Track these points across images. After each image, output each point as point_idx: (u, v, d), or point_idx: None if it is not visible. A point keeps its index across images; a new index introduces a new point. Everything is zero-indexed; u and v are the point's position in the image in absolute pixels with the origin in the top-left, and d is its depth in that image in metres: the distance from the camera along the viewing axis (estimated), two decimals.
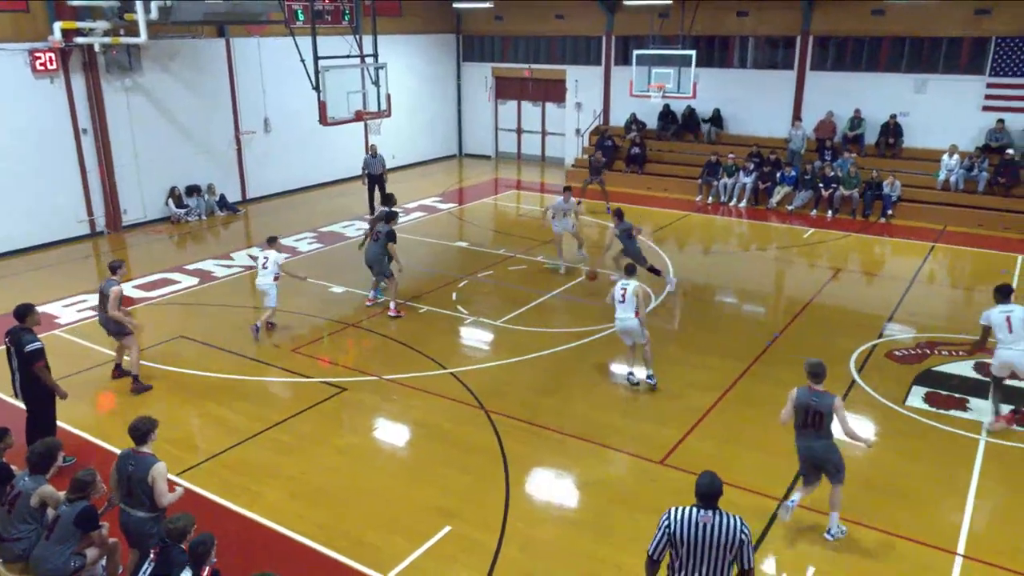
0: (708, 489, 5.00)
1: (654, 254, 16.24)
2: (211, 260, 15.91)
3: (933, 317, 12.93)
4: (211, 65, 19.54)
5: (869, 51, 20.58)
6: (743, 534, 4.90)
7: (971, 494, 7.96)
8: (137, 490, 6.15)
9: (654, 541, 5.04)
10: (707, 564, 4.92)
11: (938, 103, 19.80)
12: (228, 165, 20.41)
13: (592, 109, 25.14)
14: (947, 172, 19.10)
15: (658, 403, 10.01)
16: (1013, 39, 18.61)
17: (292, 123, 21.06)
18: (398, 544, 7.19)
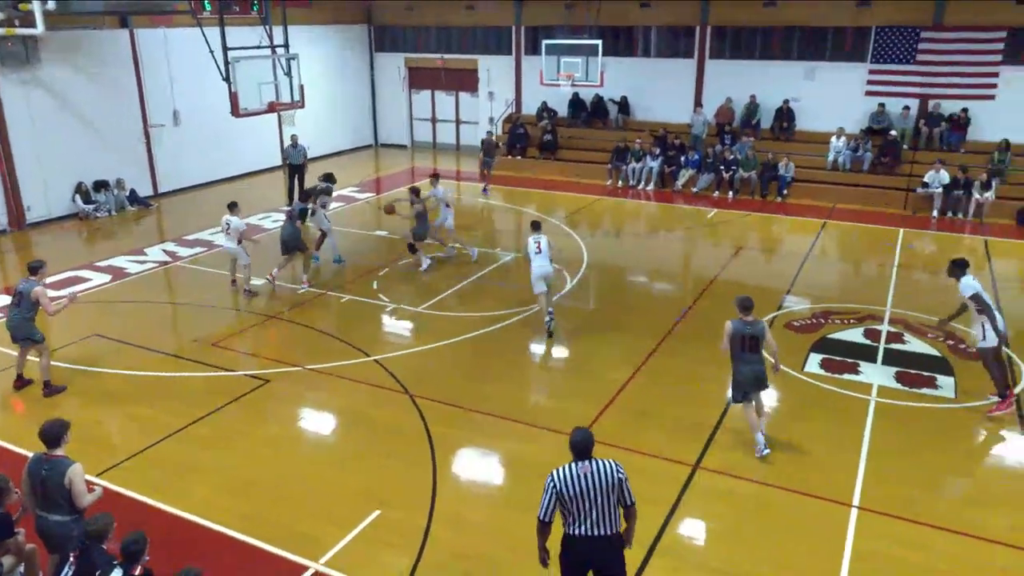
0: (584, 443, 5.32)
1: (566, 237, 16.44)
2: (123, 256, 15.21)
3: (826, 289, 13.55)
4: (115, 57, 18.57)
5: (763, 40, 21.26)
6: (620, 474, 5.25)
7: (864, 450, 8.40)
8: (54, 494, 5.83)
9: (543, 505, 5.27)
10: (596, 508, 5.21)
11: (826, 89, 20.64)
12: (138, 159, 19.50)
13: (505, 98, 25.13)
14: (835, 153, 19.97)
15: (576, 381, 10.16)
16: (891, 28, 19.56)
17: (203, 115, 20.23)
18: (328, 531, 7.09)
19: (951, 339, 11.25)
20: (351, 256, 15.12)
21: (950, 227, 17.48)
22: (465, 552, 6.87)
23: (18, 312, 9.39)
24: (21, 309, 9.41)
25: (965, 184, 17.88)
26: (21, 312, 9.38)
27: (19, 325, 9.44)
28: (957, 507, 7.47)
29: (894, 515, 7.32)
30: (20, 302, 9.39)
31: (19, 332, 9.49)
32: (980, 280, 9.41)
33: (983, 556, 6.80)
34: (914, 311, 12.26)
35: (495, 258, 14.90)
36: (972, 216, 17.89)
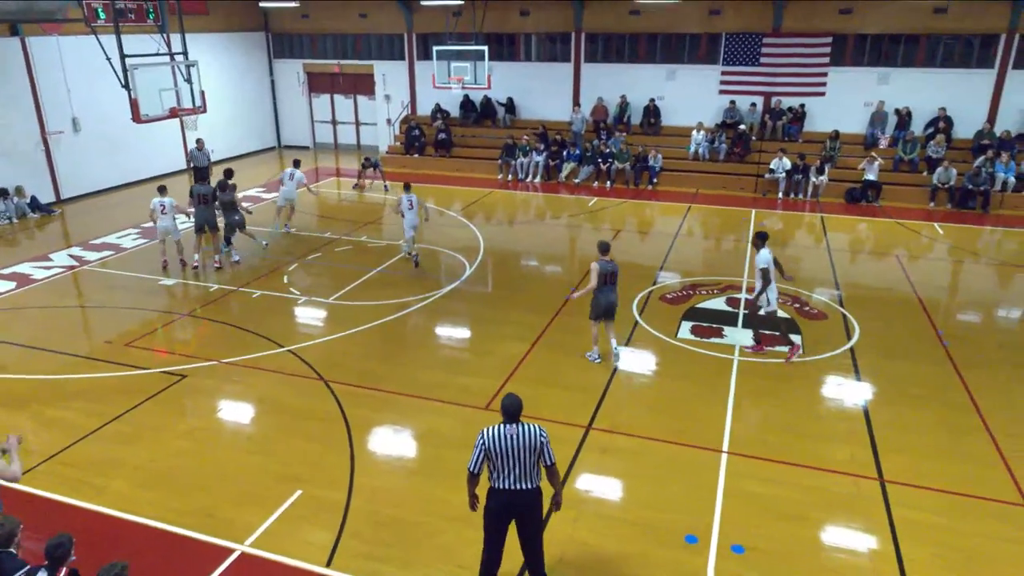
0: (512, 407, 5.49)
1: (463, 227, 16.42)
2: (28, 263, 14.05)
3: (693, 264, 14.12)
4: (7, 65, 17.03)
5: (630, 46, 21.79)
6: (542, 437, 5.45)
7: (730, 403, 8.86)
8: None
9: (473, 458, 5.47)
10: (520, 465, 5.42)
11: (686, 88, 21.40)
12: (37, 166, 18.00)
13: (400, 100, 24.71)
14: (696, 145, 20.77)
15: (478, 358, 10.19)
16: (739, 35, 20.47)
17: (104, 121, 18.89)
18: (251, 514, 6.85)
19: (797, 303, 11.97)
20: (263, 252, 14.54)
21: (793, 206, 18.57)
22: (384, 520, 6.81)
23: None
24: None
25: (803, 169, 19.02)
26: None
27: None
28: (806, 445, 8.00)
29: (756, 456, 7.77)
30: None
31: None
32: (817, 250, 10.03)
33: (829, 484, 7.33)
34: None
35: (398, 249, 14.70)
36: (810, 196, 19.08)
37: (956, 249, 15.19)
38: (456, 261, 14.09)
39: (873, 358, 10.05)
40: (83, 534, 6.41)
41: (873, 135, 19.67)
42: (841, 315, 11.54)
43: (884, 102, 19.65)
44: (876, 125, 19.75)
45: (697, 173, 20.39)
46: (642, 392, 9.32)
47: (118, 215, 17.42)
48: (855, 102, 20.01)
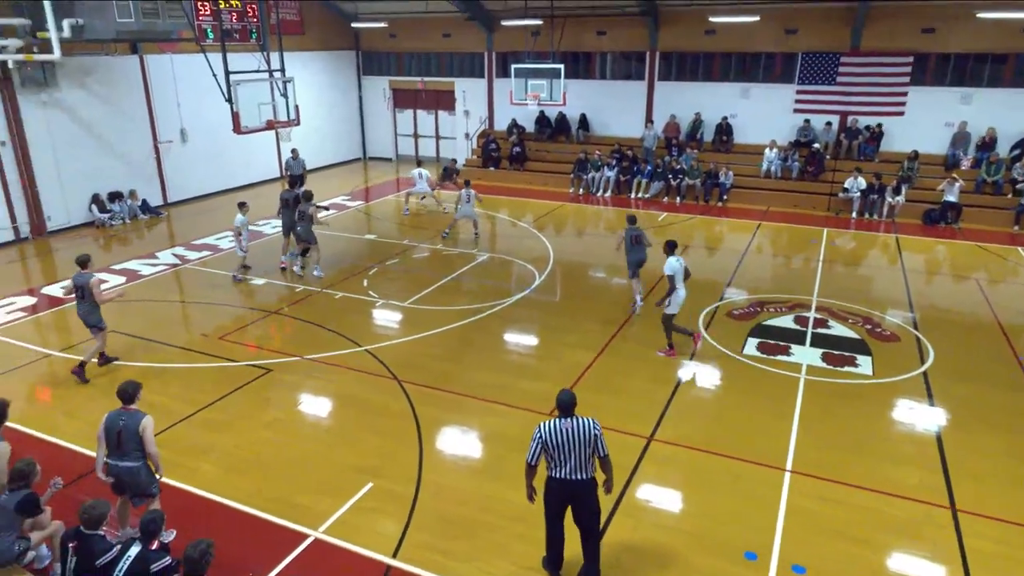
0: (568, 402, 5.62)
1: (534, 238, 16.48)
2: (137, 260, 14.93)
3: (761, 281, 13.71)
4: (126, 80, 18.19)
5: (704, 64, 21.43)
6: (596, 430, 5.58)
7: (795, 421, 8.54)
8: (128, 442, 6.00)
9: (530, 451, 5.62)
10: (575, 456, 5.55)
11: (759, 106, 20.87)
12: (149, 172, 19.13)
13: (478, 116, 25.06)
14: (768, 163, 20.21)
15: (544, 364, 10.19)
16: (815, 54, 19.82)
17: (208, 133, 19.92)
18: (326, 502, 7.05)
19: (869, 323, 11.47)
20: (344, 258, 14.99)
21: (867, 227, 17.80)
22: (448, 516, 6.88)
23: (84, 304, 9.38)
24: (86, 301, 9.32)
25: (879, 189, 18.21)
26: (87, 303, 9.35)
27: (89, 314, 9.39)
28: (874, 467, 7.63)
29: (821, 476, 7.46)
30: (83, 295, 9.29)
31: (90, 320, 9.46)
32: (892, 271, 9.60)
33: (896, 509, 6.97)
34: (837, 299, 12.48)
35: (472, 257, 14.88)
36: (886, 217, 18.24)
37: None
38: (526, 271, 14.14)
39: (947, 382, 9.51)
40: (175, 511, 6.77)
41: (954, 156, 18.66)
42: (915, 337, 10.98)
43: (967, 122, 18.63)
44: (958, 146, 18.73)
45: (768, 191, 19.83)
46: (706, 406, 9.10)
47: (217, 218, 18.28)
48: (935, 122, 19.03)
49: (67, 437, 8.20)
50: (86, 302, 9.34)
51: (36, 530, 5.89)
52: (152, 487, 6.23)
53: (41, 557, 6.11)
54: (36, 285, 13.51)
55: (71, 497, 6.71)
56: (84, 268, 9.37)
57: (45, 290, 13.20)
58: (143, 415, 6.10)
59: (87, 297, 9.30)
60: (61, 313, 12.20)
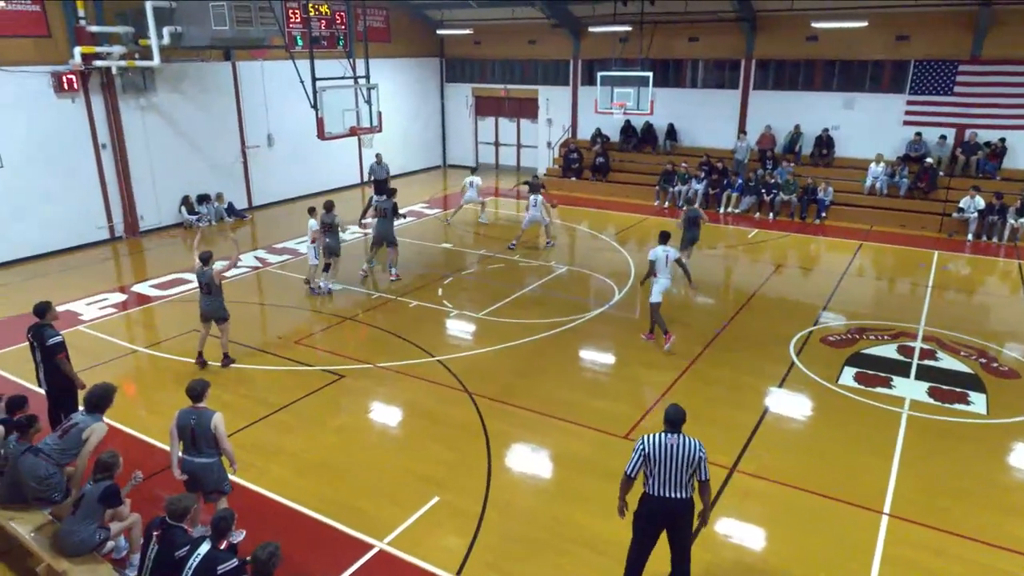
0: (676, 416, 5.62)
1: (615, 252, 16.34)
2: (221, 261, 15.63)
3: (861, 306, 13.10)
4: (219, 86, 19.29)
5: (804, 73, 20.78)
6: (701, 452, 5.53)
7: (895, 460, 8.09)
8: (201, 439, 6.37)
9: (631, 462, 5.56)
10: (674, 476, 5.50)
11: (865, 118, 20.03)
12: (236, 176, 20.17)
13: (561, 124, 25.15)
14: (873, 179, 19.34)
15: (621, 384, 10.06)
16: (929, 62, 18.89)
17: (293, 138, 20.84)
18: (392, 513, 7.17)
19: (983, 357, 10.76)
20: (420, 265, 15.29)
21: (985, 250, 16.74)
22: (515, 536, 6.86)
23: (210, 299, 10.15)
24: (213, 295, 10.11)
25: (1000, 210, 17.11)
26: (213, 296, 10.14)
27: (214, 307, 10.17)
28: (984, 516, 7.12)
29: (923, 523, 7.02)
30: (209, 290, 10.07)
31: (213, 313, 10.20)
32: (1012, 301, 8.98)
33: (1009, 566, 6.47)
34: (948, 329, 11.77)
35: (549, 270, 14.89)
36: (1007, 240, 17.10)
37: None
38: (605, 285, 14.04)
39: None
40: (243, 511, 7.03)
41: None
42: None
43: None
44: None
45: (872, 209, 18.97)
46: (795, 438, 8.75)
47: (298, 223, 19.02)
48: None
49: (149, 432, 8.68)
50: (211, 296, 10.12)
51: (116, 521, 6.25)
52: (224, 484, 6.52)
53: (119, 548, 6.47)
54: (127, 283, 14.44)
55: (148, 491, 7.09)
56: (207, 264, 10.09)
57: (135, 288, 14.07)
58: (213, 412, 6.42)
59: (213, 292, 10.09)
60: (149, 311, 12.98)
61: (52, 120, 15.84)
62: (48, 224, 16.04)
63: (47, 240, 16.12)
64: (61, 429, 6.53)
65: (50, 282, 14.34)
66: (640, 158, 23.05)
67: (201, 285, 10.16)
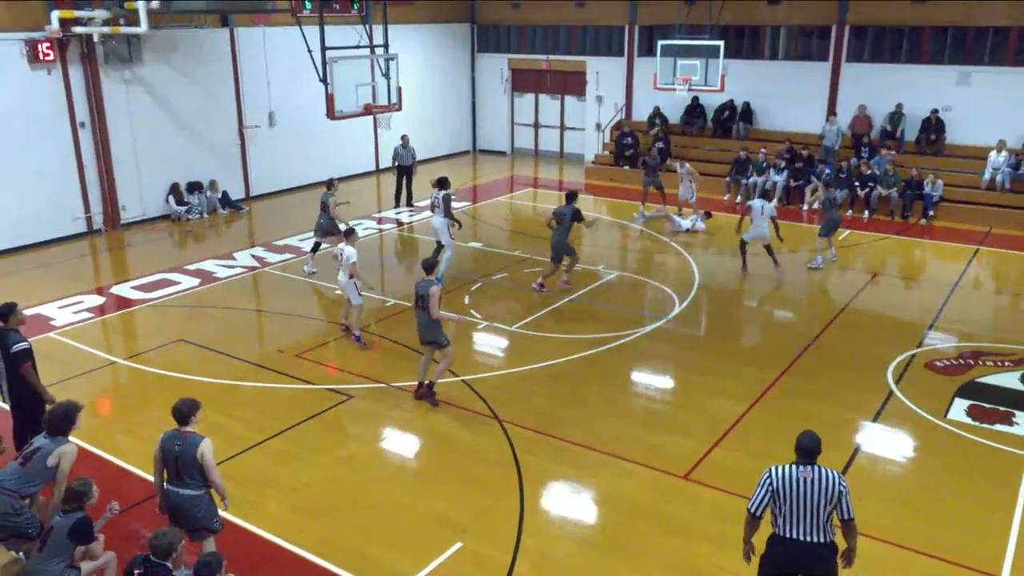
0: (812, 445, 5.61)
1: (677, 255, 16.22)
2: (213, 260, 16.00)
3: (977, 325, 12.78)
4: (214, 56, 19.67)
5: (909, 42, 20.45)
6: (842, 486, 5.47)
7: (1018, 515, 7.85)
8: (186, 468, 6.38)
9: (756, 499, 5.60)
10: (809, 515, 5.45)
11: (983, 97, 19.60)
12: (231, 161, 20.54)
13: (614, 103, 25.10)
14: (993, 171, 18.90)
15: (680, 414, 9.96)
16: None
17: (298, 117, 21.12)
18: (405, 561, 7.18)
19: None
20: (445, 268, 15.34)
21: None
22: None
23: (425, 315, 9.62)
24: (426, 312, 9.57)
25: None
26: (427, 315, 9.60)
27: (428, 328, 9.72)
28: None
29: None
30: (424, 304, 9.54)
31: (428, 335, 9.78)
32: None
33: None
34: None
35: (596, 276, 14.83)
36: None
37: None
38: (663, 295, 13.94)
39: None
40: (230, 550, 7.11)
41: None
42: None
43: None
44: None
45: (992, 207, 18.55)
46: (892, 484, 8.55)
47: (302, 216, 19.28)
48: None
49: (127, 457, 8.85)
50: (426, 313, 9.59)
51: (88, 560, 6.35)
52: (214, 521, 6.59)
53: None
54: (106, 284, 14.77)
55: (125, 525, 7.22)
56: (429, 274, 9.79)
57: (115, 289, 14.39)
58: (200, 439, 6.43)
59: (426, 308, 9.55)
60: (130, 316, 13.26)
61: (25, 95, 16.27)
62: (16, 215, 16.47)
63: (15, 233, 16.55)
64: (22, 456, 6.64)
65: (18, 281, 14.72)
66: (708, 143, 22.88)
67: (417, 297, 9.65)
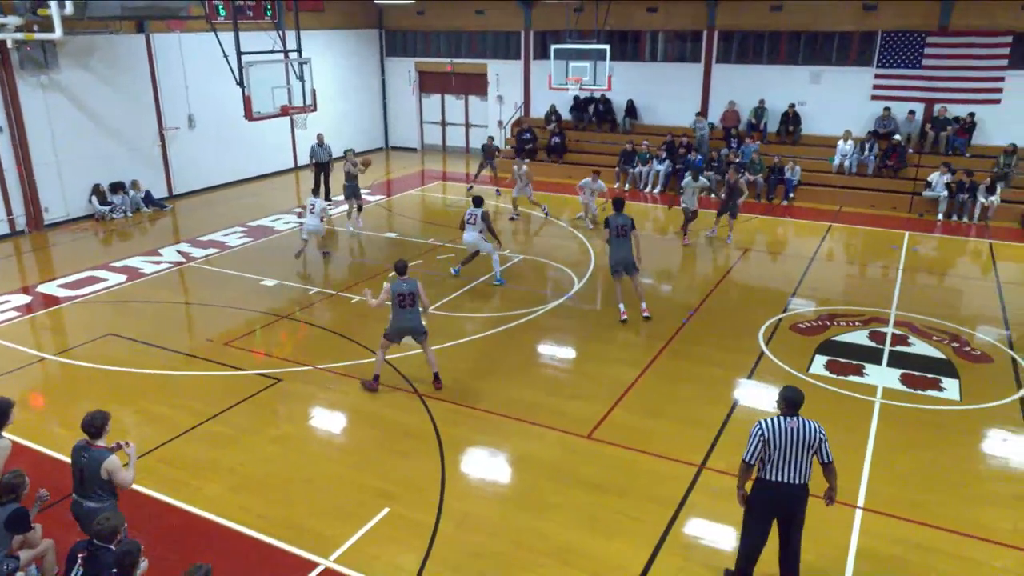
0: (798, 398, 5.88)
1: (573, 239, 16.47)
2: (139, 257, 15.28)
3: (832, 291, 13.48)
4: (131, 61, 18.68)
5: (769, 45, 21.21)
6: (821, 434, 5.80)
7: (868, 452, 8.37)
8: (91, 482, 5.97)
9: (750, 449, 5.84)
10: (794, 459, 5.77)
11: (832, 93, 20.56)
12: (153, 161, 19.60)
13: (513, 101, 25.15)
14: (841, 157, 19.88)
15: (584, 380, 10.16)
16: (897, 33, 19.47)
17: (217, 119, 20.35)
18: (338, 528, 7.12)
19: (956, 342, 11.20)
20: (363, 257, 15.15)
21: (955, 230, 17.40)
22: (473, 549, 6.88)
23: (415, 311, 9.44)
24: (415, 308, 9.40)
25: (970, 188, 17.79)
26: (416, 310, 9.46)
27: (419, 320, 9.54)
28: (961, 508, 7.43)
29: (898, 516, 7.29)
30: (412, 302, 9.36)
31: (421, 327, 9.58)
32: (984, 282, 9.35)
33: (985, 556, 6.77)
34: (919, 314, 12.21)
35: (503, 259, 14.91)
36: (977, 219, 17.81)
37: None
38: (564, 275, 14.13)
39: None
40: (172, 533, 6.91)
41: None
42: (1010, 359, 10.68)
43: None
44: None
45: (841, 188, 19.52)
46: None
47: (226, 212, 18.66)
48: None
49: (63, 449, 8.33)
50: (414, 309, 9.44)
51: (26, 548, 6.05)
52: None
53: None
54: (32, 283, 13.93)
55: (62, 515, 6.87)
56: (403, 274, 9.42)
57: (41, 288, 13.59)
58: (107, 454, 5.97)
59: (415, 304, 9.42)
60: (58, 313, 12.56)
61: None
62: None
63: None
64: None
65: None
66: (598, 137, 23.22)
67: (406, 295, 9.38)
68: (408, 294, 9.29)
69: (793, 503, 5.89)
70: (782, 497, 5.86)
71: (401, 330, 9.46)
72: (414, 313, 9.39)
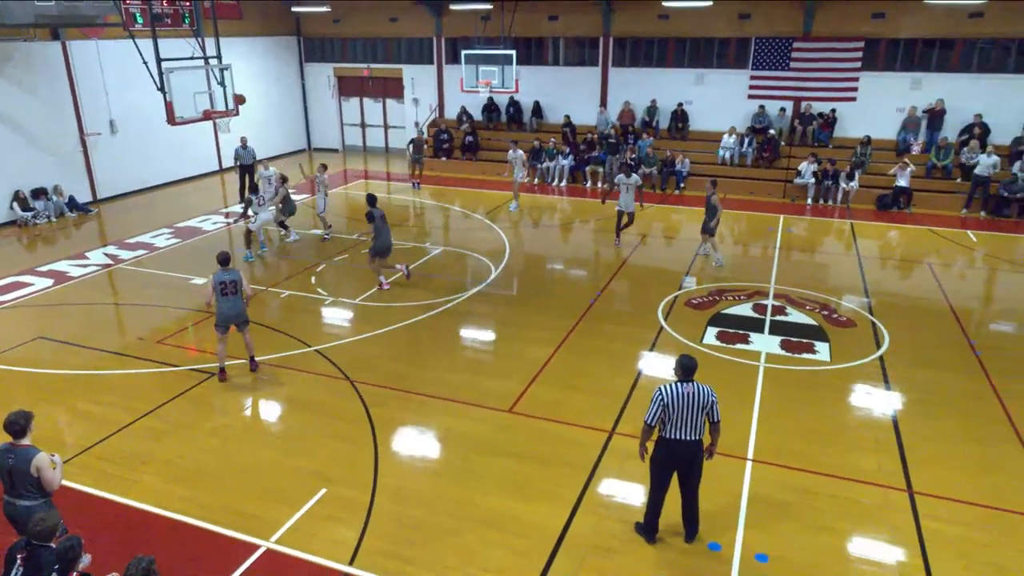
0: (693, 365, 6.14)
1: (488, 230, 16.48)
2: (65, 261, 14.37)
3: (719, 270, 13.98)
4: (48, 68, 17.45)
5: (659, 50, 21.69)
6: (713, 397, 6.11)
7: (756, 410, 8.76)
8: (21, 482, 5.62)
9: (650, 412, 6.10)
10: (690, 419, 6.06)
11: (714, 93, 21.23)
12: (75, 167, 18.42)
13: (428, 104, 24.87)
14: (725, 150, 20.59)
15: (502, 361, 10.21)
16: (769, 39, 20.25)
17: (140, 123, 19.29)
18: (278, 511, 6.93)
19: (825, 310, 11.81)
20: (290, 253, 14.72)
21: (822, 213, 18.31)
22: (408, 521, 6.84)
23: (236, 299, 9.28)
24: (236, 296, 9.26)
25: (833, 175, 18.75)
26: (239, 298, 9.31)
27: (242, 309, 9.39)
28: (833, 454, 7.88)
29: (782, 464, 7.67)
30: (235, 290, 9.22)
31: (243, 315, 9.42)
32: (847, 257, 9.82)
33: (856, 494, 7.21)
34: (794, 286, 12.82)
35: (424, 252, 14.79)
36: (840, 203, 18.80)
37: (990, 257, 14.86)
38: (482, 264, 14.13)
39: (903, 367, 9.87)
40: (112, 527, 6.57)
41: (905, 141, 19.34)
42: (870, 323, 11.36)
43: (917, 107, 19.30)
44: (909, 131, 19.41)
45: (725, 178, 20.19)
46: None
47: (152, 215, 17.75)
48: (887, 107, 19.69)
49: None
50: (237, 297, 9.30)
51: None
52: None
53: None
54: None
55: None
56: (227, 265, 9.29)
57: None
58: (35, 452, 5.66)
59: (238, 292, 9.29)
60: None
61: None
62: None
63: None
64: None
65: None
66: (508, 136, 23.23)
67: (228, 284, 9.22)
68: (230, 282, 9.19)
69: (691, 457, 6.18)
70: (681, 452, 6.14)
71: (226, 317, 9.27)
72: (236, 301, 9.26)
